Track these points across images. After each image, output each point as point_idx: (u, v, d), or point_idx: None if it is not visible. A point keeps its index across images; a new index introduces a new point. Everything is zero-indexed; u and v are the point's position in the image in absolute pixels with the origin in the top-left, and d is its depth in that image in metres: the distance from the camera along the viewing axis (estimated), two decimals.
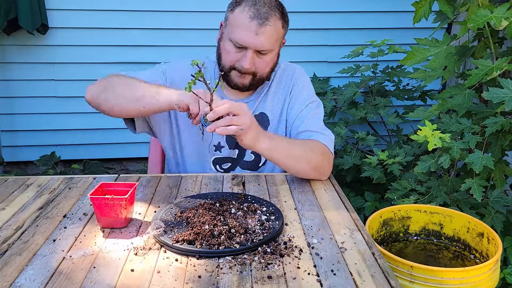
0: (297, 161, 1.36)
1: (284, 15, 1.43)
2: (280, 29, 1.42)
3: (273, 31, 1.39)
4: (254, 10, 1.36)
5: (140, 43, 2.90)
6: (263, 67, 1.45)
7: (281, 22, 1.41)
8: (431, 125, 1.65)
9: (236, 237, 1.02)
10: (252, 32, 1.36)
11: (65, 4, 2.79)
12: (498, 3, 1.79)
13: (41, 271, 0.93)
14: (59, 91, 2.95)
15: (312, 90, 1.60)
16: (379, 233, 1.47)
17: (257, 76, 1.46)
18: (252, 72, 1.44)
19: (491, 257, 1.29)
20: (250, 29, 1.36)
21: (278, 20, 1.40)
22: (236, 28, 1.38)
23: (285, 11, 1.44)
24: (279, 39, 1.45)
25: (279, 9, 1.41)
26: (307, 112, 1.53)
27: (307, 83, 1.61)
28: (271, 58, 1.45)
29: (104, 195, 1.14)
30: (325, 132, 1.48)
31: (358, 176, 2.45)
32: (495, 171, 1.80)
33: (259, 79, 1.47)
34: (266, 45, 1.39)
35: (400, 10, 2.93)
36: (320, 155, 1.41)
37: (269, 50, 1.42)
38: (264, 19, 1.36)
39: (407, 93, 2.73)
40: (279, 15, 1.40)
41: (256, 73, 1.45)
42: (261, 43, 1.38)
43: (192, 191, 1.35)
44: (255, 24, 1.36)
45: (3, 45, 2.82)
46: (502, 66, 1.68)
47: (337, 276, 0.91)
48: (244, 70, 1.42)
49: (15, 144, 3.03)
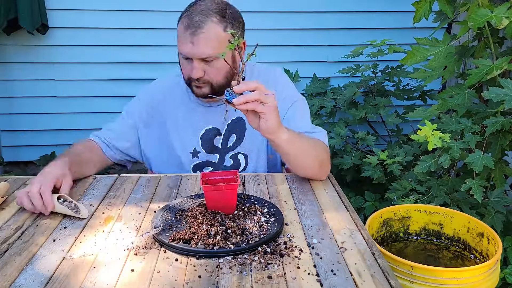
0: (308, 157, 1.35)
1: (226, 17, 1.37)
2: (220, 32, 1.36)
3: (210, 37, 1.34)
4: (188, 20, 1.36)
5: (140, 43, 2.90)
6: (216, 74, 1.41)
7: (221, 26, 1.36)
8: (431, 125, 1.65)
9: (232, 238, 1.02)
10: (188, 43, 1.35)
11: (65, 4, 2.79)
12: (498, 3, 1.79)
13: (41, 271, 0.93)
14: (59, 91, 2.95)
15: (292, 89, 1.57)
16: (379, 233, 1.47)
17: (214, 85, 1.42)
18: (207, 81, 1.41)
19: (491, 257, 1.29)
20: (186, 39, 1.36)
21: (215, 25, 1.35)
22: (179, 41, 1.39)
23: (227, 13, 1.38)
24: (223, 43, 1.35)
25: (219, 12, 1.36)
26: (292, 113, 1.50)
27: (287, 82, 1.58)
28: (221, 64, 1.39)
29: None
30: (316, 130, 1.48)
31: (358, 176, 2.45)
32: (495, 171, 1.80)
33: (217, 86, 1.43)
34: (207, 52, 1.35)
35: (400, 10, 2.93)
36: (324, 152, 1.41)
37: (212, 57, 1.36)
38: (196, 28, 1.34)
39: (407, 93, 2.73)
40: (218, 18, 1.36)
41: (211, 82, 1.42)
42: (199, 52, 1.35)
43: (192, 191, 1.35)
44: (189, 33, 1.35)
45: (3, 45, 2.82)
46: (502, 65, 1.68)
47: (337, 276, 0.91)
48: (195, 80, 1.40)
49: (15, 144, 3.03)
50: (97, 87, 2.96)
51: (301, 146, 1.32)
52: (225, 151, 1.56)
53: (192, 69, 1.39)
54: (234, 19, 1.41)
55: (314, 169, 1.39)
